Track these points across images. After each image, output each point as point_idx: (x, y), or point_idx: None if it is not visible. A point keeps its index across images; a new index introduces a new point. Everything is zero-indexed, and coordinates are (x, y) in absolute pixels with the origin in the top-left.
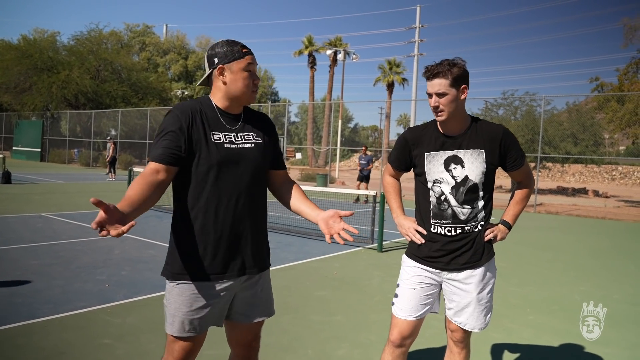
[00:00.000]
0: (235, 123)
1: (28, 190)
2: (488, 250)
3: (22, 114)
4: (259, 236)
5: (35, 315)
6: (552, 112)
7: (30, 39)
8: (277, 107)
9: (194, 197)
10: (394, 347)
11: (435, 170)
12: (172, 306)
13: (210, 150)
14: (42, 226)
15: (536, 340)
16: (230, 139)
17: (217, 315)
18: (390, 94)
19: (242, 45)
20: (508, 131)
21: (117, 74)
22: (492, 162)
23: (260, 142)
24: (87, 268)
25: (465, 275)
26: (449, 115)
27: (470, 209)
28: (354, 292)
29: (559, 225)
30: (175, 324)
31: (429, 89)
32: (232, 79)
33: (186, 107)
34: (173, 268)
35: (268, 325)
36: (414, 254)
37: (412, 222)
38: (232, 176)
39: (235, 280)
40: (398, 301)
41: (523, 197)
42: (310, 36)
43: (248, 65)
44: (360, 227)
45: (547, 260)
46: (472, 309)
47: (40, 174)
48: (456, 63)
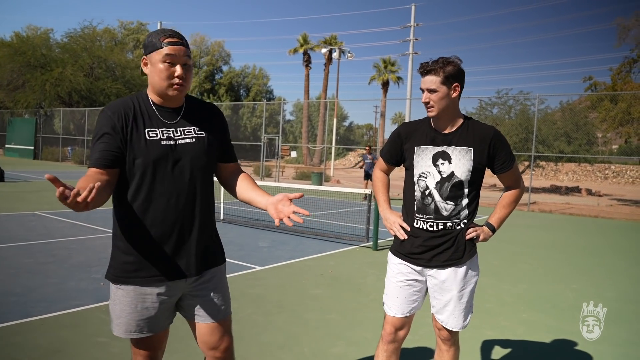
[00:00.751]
0: (174, 117)
1: (21, 188)
2: (470, 249)
3: (15, 111)
4: (205, 234)
5: (30, 313)
6: (546, 111)
7: (23, 36)
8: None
9: (133, 197)
10: (387, 343)
11: (422, 164)
12: (117, 307)
13: (146, 148)
14: (36, 224)
15: (529, 337)
16: (168, 134)
17: (166, 315)
18: (385, 92)
19: (167, 35)
20: (499, 133)
21: (111, 71)
22: (480, 162)
23: (202, 136)
24: (81, 267)
25: (447, 273)
26: (439, 111)
27: (453, 205)
28: (349, 290)
29: (552, 223)
30: (121, 326)
31: (421, 85)
32: (151, 70)
33: (118, 106)
34: (115, 270)
35: (263, 323)
36: (397, 250)
37: (397, 217)
38: (171, 174)
39: (181, 281)
40: (387, 299)
41: (511, 201)
42: (305, 34)
43: (166, 55)
44: (355, 226)
45: (540, 259)
46: (452, 307)
47: (34, 172)
48: (451, 61)
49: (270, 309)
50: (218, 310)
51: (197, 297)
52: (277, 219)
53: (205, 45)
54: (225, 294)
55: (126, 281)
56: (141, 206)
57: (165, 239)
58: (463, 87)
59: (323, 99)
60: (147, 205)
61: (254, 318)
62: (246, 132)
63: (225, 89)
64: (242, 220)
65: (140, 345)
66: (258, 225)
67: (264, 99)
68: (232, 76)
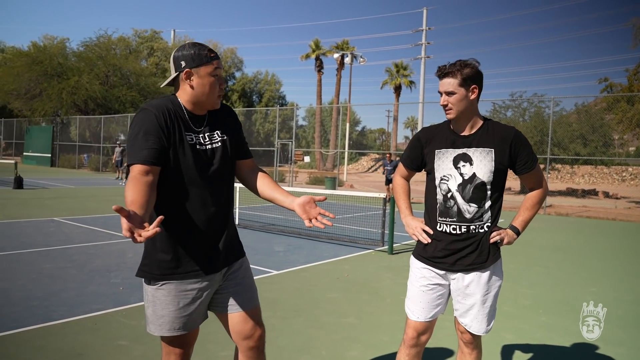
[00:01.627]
0: (201, 124)
1: (40, 195)
2: (494, 253)
3: (33, 119)
4: (231, 228)
5: (52, 317)
6: (561, 113)
7: (40, 46)
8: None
9: (169, 197)
10: (409, 347)
11: (444, 167)
12: (159, 307)
13: (185, 151)
14: (55, 230)
15: (548, 341)
16: (199, 140)
17: (202, 310)
18: (397, 96)
19: (209, 50)
20: (520, 133)
21: (125, 79)
22: (502, 162)
23: (225, 139)
24: (100, 271)
25: (471, 277)
26: (458, 113)
27: (476, 208)
28: (366, 294)
29: (569, 226)
30: (165, 325)
31: (439, 88)
32: (199, 83)
33: (162, 106)
34: (152, 269)
35: (281, 327)
36: (420, 254)
37: (419, 222)
38: (205, 176)
39: (217, 274)
40: (409, 303)
41: (535, 203)
42: (317, 40)
43: (215, 70)
44: (370, 230)
45: (557, 262)
46: (476, 311)
47: (51, 179)
48: (468, 63)
49: (287, 312)
50: (249, 299)
51: (229, 287)
52: (307, 220)
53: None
54: (253, 283)
55: (166, 278)
56: (177, 206)
57: (200, 235)
58: (481, 89)
59: (335, 103)
60: (183, 204)
61: (270, 322)
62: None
63: (238, 95)
64: (257, 225)
65: (176, 343)
66: (273, 230)
67: (277, 105)
68: (245, 82)
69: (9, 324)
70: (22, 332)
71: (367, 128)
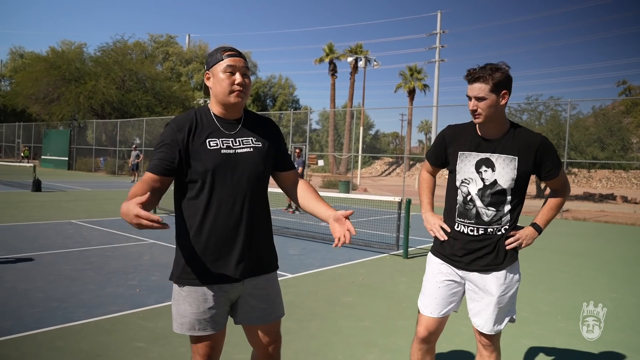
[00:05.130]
0: (233, 128)
1: (57, 197)
2: (511, 254)
3: (51, 123)
4: (260, 239)
5: (71, 318)
6: (578, 116)
7: (58, 51)
8: (299, 114)
9: (194, 202)
10: (422, 343)
11: (466, 169)
12: (182, 307)
13: (206, 157)
14: (73, 232)
15: (569, 347)
16: (227, 144)
17: (223, 315)
18: (411, 100)
19: (224, 49)
20: (546, 140)
21: (141, 83)
22: (525, 171)
23: (259, 146)
24: (117, 273)
25: (487, 277)
26: (486, 118)
27: (495, 212)
28: (381, 298)
29: (586, 231)
30: (185, 324)
31: (469, 92)
32: (214, 82)
33: (182, 120)
34: (178, 272)
35: (297, 330)
36: (439, 251)
37: (438, 219)
38: (230, 180)
39: (238, 283)
40: (423, 298)
41: (557, 204)
42: (331, 44)
43: (227, 66)
44: (384, 234)
45: (575, 267)
46: (490, 311)
47: (69, 182)
48: (499, 68)
49: (303, 316)
50: (269, 314)
51: (251, 299)
52: (336, 239)
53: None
54: (276, 297)
55: (188, 282)
56: (202, 211)
57: (224, 243)
58: (510, 94)
59: (349, 107)
60: (207, 210)
61: (286, 325)
62: None
63: (252, 99)
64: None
65: (200, 343)
66: (287, 233)
67: (291, 109)
68: (259, 86)
69: (30, 325)
70: (42, 333)
71: (381, 132)
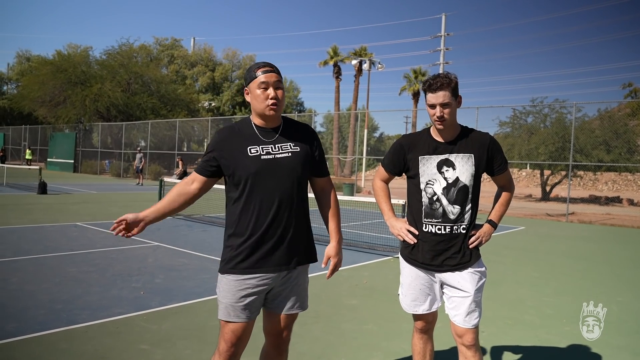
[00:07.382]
0: (272, 135)
1: (63, 200)
2: (475, 252)
3: (57, 126)
4: (299, 235)
5: (75, 321)
6: (583, 119)
7: (64, 54)
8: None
9: (238, 202)
10: (421, 333)
11: (428, 172)
12: (221, 294)
13: (247, 163)
14: (78, 235)
15: (575, 351)
16: (267, 150)
17: (257, 305)
18: (416, 103)
19: (259, 66)
20: (494, 139)
21: (146, 86)
22: (481, 165)
23: (297, 151)
24: (122, 276)
25: (458, 275)
26: (449, 123)
27: (459, 209)
28: (385, 300)
29: (592, 234)
30: (221, 310)
31: (433, 100)
32: (252, 97)
33: (225, 131)
34: (222, 262)
35: (300, 333)
36: (410, 257)
37: (403, 223)
38: (271, 182)
39: (275, 275)
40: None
41: (507, 200)
42: (335, 46)
43: (261, 83)
44: (388, 237)
45: (581, 270)
46: (467, 305)
47: (74, 185)
48: (452, 75)
49: (306, 319)
50: (293, 306)
51: (284, 290)
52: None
53: (237, 59)
54: (303, 291)
55: (229, 271)
56: (245, 209)
57: (264, 238)
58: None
59: (353, 110)
60: (250, 208)
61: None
62: None
63: None
64: None
65: (228, 330)
66: None
67: (295, 111)
68: None
69: (35, 327)
70: (47, 335)
71: (385, 134)
